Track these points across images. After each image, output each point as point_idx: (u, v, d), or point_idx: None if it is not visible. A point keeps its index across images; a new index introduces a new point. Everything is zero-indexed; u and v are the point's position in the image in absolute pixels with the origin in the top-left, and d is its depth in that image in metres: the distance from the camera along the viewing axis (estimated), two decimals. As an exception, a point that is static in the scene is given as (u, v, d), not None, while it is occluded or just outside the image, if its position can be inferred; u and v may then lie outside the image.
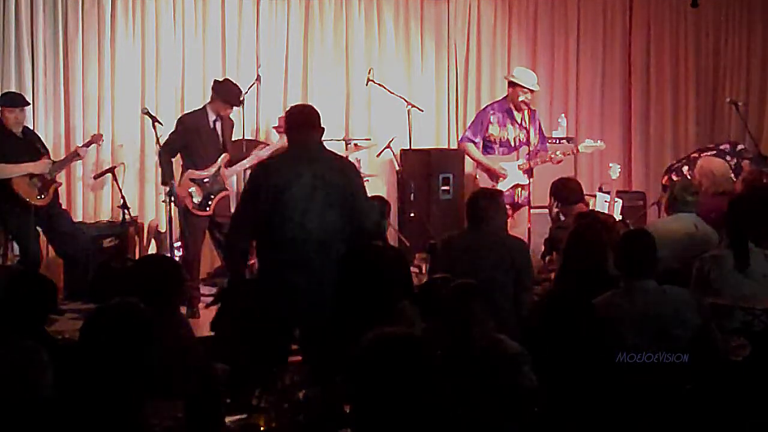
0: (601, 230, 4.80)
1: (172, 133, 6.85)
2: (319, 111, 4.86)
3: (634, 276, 4.06)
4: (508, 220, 7.22)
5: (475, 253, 4.94)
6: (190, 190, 6.78)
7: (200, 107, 7.07)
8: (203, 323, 5.79)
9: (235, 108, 7.07)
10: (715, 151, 8.54)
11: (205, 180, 6.81)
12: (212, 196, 6.85)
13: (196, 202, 6.80)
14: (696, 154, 8.43)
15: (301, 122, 4.74)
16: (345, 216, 4.64)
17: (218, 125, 6.93)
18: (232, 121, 7.19)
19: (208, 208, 6.83)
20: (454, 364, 3.56)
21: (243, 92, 7.24)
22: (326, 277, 4.54)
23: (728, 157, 8.10)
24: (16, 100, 6.77)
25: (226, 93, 6.90)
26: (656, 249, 4.17)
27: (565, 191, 6.03)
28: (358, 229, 4.71)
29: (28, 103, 7.02)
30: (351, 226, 4.66)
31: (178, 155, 6.92)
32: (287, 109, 4.98)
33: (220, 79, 7.17)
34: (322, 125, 4.78)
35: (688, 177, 7.93)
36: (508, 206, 7.26)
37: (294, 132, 4.73)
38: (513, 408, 3.55)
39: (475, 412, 3.40)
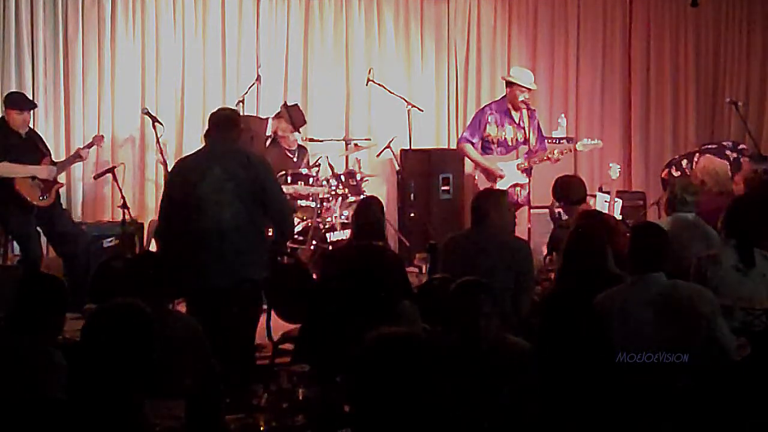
0: (602, 230, 4.79)
1: None
2: (241, 115, 5.45)
3: (644, 269, 4.04)
4: (509, 220, 7.25)
5: (478, 253, 4.94)
6: None
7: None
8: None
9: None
10: (716, 146, 8.54)
11: None
12: None
13: None
14: (696, 148, 8.42)
15: (218, 123, 5.18)
16: (256, 208, 5.03)
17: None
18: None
19: None
20: (459, 361, 3.55)
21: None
22: (237, 263, 4.95)
23: (728, 152, 8.09)
24: (25, 104, 6.76)
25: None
26: (669, 243, 4.15)
27: (567, 190, 6.01)
28: (274, 221, 5.18)
29: (36, 106, 7.00)
30: (268, 218, 5.13)
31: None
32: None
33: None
34: (240, 127, 5.28)
35: (687, 172, 7.92)
36: (507, 206, 7.27)
37: (212, 131, 5.17)
38: (515, 406, 3.55)
39: (476, 412, 3.40)
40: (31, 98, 7.24)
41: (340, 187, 7.59)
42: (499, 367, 3.60)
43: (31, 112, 6.92)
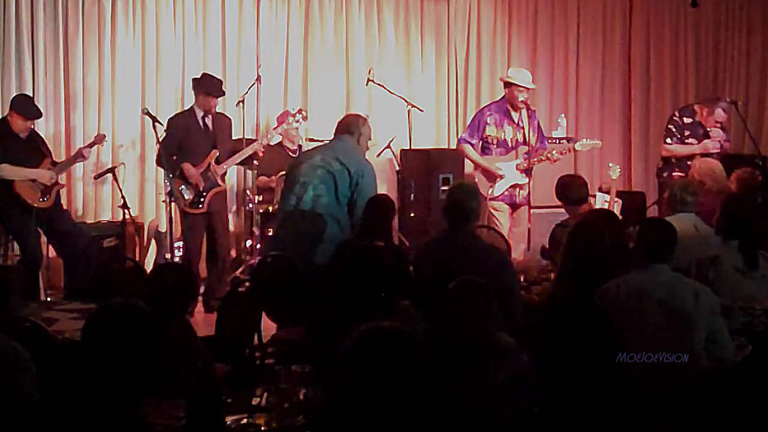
0: (602, 229, 4.77)
1: (164, 137, 6.89)
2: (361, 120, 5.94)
3: (651, 260, 4.07)
4: (509, 219, 7.25)
5: (453, 258, 4.82)
6: (180, 189, 6.84)
7: (188, 107, 7.14)
8: (200, 324, 5.81)
9: (220, 100, 7.21)
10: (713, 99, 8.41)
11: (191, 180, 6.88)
12: (205, 193, 6.88)
13: (187, 199, 6.84)
14: (696, 106, 8.25)
15: (337, 126, 5.88)
16: (340, 199, 5.53)
17: (209, 122, 6.97)
18: (228, 119, 7.24)
19: (201, 205, 6.86)
20: (455, 361, 3.55)
21: (223, 83, 7.31)
22: (300, 241, 5.54)
23: (723, 103, 8.03)
24: (33, 113, 6.73)
25: (207, 86, 6.98)
26: (676, 239, 4.18)
27: (567, 190, 6.00)
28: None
29: (42, 115, 6.97)
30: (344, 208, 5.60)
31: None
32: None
33: (198, 76, 7.22)
34: (359, 132, 5.77)
35: (671, 142, 7.83)
36: (507, 206, 7.27)
37: (334, 132, 5.90)
38: (511, 405, 3.55)
39: (474, 411, 3.40)
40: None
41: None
42: (496, 367, 3.59)
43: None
